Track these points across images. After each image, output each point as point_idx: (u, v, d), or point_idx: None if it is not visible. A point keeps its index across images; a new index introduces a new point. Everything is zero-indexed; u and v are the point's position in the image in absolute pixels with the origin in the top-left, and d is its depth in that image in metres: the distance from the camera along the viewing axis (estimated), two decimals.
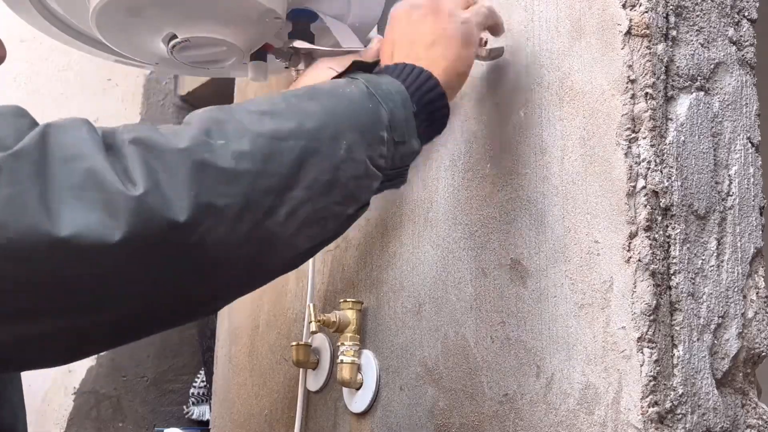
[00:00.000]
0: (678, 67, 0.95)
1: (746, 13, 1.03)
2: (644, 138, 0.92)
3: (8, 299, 0.68)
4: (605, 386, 0.90)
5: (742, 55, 1.02)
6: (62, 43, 1.25)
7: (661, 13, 0.95)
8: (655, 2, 0.94)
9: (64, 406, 1.89)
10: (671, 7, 0.96)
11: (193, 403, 1.92)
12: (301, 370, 1.27)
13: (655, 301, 0.89)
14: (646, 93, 0.93)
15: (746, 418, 0.94)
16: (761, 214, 1.00)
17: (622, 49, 0.94)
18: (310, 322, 1.19)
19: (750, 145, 1.01)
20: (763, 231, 1.00)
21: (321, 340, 1.26)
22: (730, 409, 0.93)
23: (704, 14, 0.99)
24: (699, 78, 0.97)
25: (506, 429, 0.98)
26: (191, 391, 1.93)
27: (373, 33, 1.25)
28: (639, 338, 0.88)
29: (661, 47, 0.94)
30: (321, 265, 1.29)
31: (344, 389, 1.19)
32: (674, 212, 0.92)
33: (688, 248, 0.92)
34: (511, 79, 1.06)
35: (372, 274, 1.20)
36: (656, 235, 0.90)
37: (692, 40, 0.97)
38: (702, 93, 0.97)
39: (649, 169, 0.91)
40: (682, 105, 0.95)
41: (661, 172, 0.92)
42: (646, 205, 0.91)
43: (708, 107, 0.97)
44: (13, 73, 2.10)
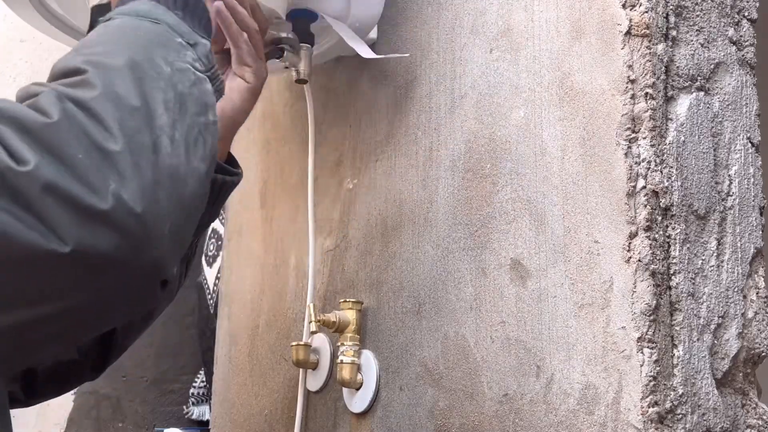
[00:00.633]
0: (678, 67, 0.95)
1: (746, 13, 1.03)
2: (644, 138, 0.92)
3: None
4: (605, 386, 0.90)
5: (742, 55, 1.02)
6: (62, 43, 1.25)
7: (661, 13, 0.95)
8: (655, 2, 0.94)
9: (64, 406, 1.89)
10: (671, 7, 0.96)
11: (193, 403, 1.91)
12: (301, 370, 1.27)
13: (655, 301, 0.89)
14: (646, 93, 0.93)
15: (746, 418, 0.94)
16: (761, 214, 1.00)
17: (622, 49, 0.94)
18: (310, 322, 1.19)
19: (750, 145, 1.01)
20: (763, 231, 1.00)
21: (321, 340, 1.26)
22: (730, 409, 0.93)
23: (704, 14, 0.99)
24: (699, 78, 0.97)
25: (506, 429, 0.98)
26: (191, 391, 1.93)
27: (374, 33, 1.25)
28: (639, 338, 0.88)
29: (661, 47, 0.94)
30: (321, 265, 1.29)
31: (344, 389, 1.19)
32: (674, 212, 0.92)
33: (688, 248, 0.92)
34: (511, 79, 1.06)
35: (372, 274, 1.20)
36: (656, 235, 0.90)
37: (692, 40, 0.97)
38: (702, 93, 0.97)
39: (649, 169, 0.91)
40: (682, 105, 0.95)
41: (661, 172, 0.92)
42: (646, 205, 0.91)
43: (708, 107, 0.97)
44: (14, 73, 2.10)
